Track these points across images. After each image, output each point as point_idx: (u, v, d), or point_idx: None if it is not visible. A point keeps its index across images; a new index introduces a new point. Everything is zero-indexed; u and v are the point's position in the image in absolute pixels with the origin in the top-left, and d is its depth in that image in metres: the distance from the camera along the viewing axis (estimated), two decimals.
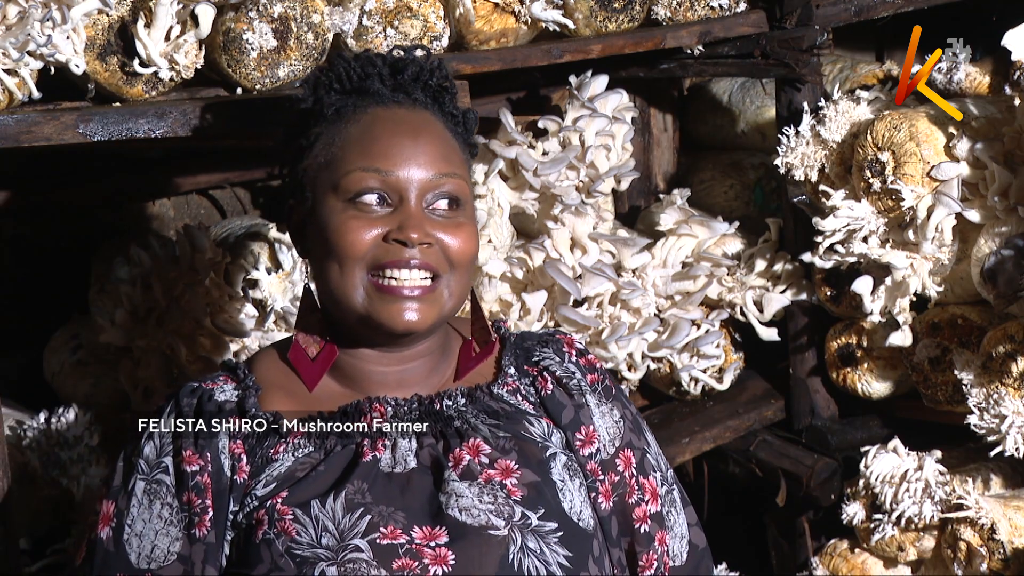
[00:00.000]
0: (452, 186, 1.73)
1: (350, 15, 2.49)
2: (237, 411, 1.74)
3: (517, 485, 1.71)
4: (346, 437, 1.72)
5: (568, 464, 1.77)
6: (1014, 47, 2.64)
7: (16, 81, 2.12)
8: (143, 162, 3.10)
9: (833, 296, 3.07)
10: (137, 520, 1.70)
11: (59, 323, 2.98)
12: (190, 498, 1.69)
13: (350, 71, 1.78)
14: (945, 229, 2.80)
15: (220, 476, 1.70)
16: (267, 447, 1.71)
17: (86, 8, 2.14)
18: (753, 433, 3.25)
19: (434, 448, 1.72)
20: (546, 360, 1.86)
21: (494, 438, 1.74)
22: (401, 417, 1.74)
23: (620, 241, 3.01)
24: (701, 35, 3.02)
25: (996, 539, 2.77)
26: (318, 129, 1.77)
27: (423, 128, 1.75)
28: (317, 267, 1.75)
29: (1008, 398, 2.75)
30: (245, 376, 1.78)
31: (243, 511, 1.69)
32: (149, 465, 1.72)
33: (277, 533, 1.65)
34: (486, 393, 1.79)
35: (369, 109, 1.76)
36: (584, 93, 2.92)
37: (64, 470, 2.59)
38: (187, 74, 2.31)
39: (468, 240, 1.74)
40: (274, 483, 1.69)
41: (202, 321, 2.67)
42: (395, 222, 1.69)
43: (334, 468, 1.70)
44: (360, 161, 1.71)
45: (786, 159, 2.97)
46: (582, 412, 1.83)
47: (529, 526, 1.69)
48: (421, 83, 1.79)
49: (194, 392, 1.75)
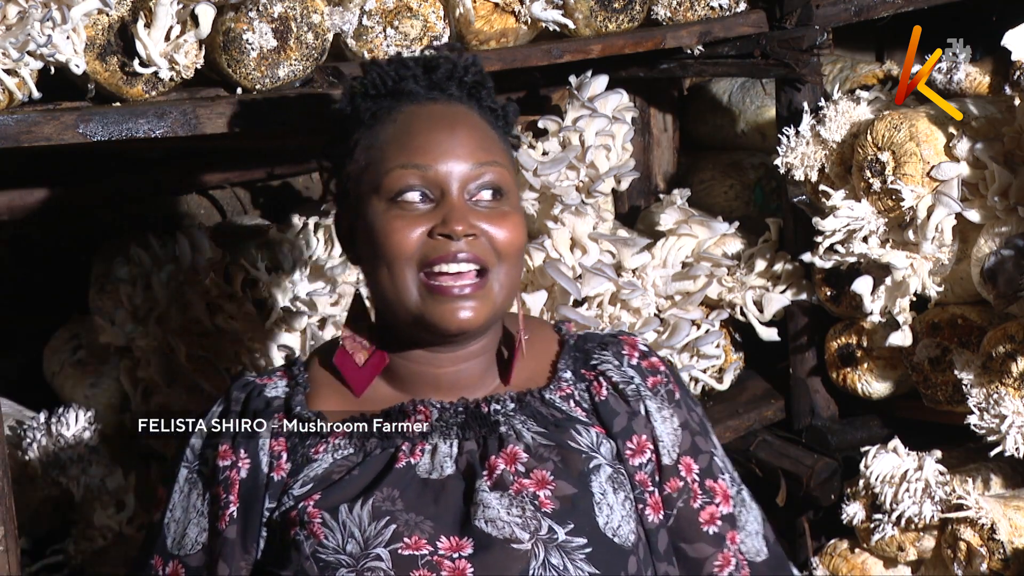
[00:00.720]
0: (493, 175, 1.72)
1: (350, 15, 2.49)
2: (283, 408, 1.75)
3: (550, 497, 1.68)
4: (386, 439, 1.71)
5: (613, 476, 1.75)
6: (1014, 47, 2.64)
7: (16, 81, 2.13)
8: (143, 162, 3.10)
9: (833, 296, 3.07)
10: (177, 507, 1.75)
11: (59, 323, 2.98)
12: (217, 492, 1.72)
13: (385, 76, 1.78)
14: (945, 229, 2.80)
15: (257, 473, 1.71)
16: (308, 446, 1.72)
17: (86, 8, 2.14)
18: (753, 433, 3.25)
19: (472, 455, 1.71)
20: (604, 364, 1.83)
21: (535, 446, 1.72)
22: (446, 421, 1.73)
23: (620, 241, 3.01)
24: (701, 35, 3.02)
25: (996, 539, 2.77)
26: (357, 135, 1.77)
27: (459, 120, 1.74)
28: (368, 272, 1.76)
29: (1008, 398, 2.75)
30: (298, 373, 1.80)
31: (279, 509, 1.70)
32: (194, 454, 1.76)
33: (306, 536, 1.66)
34: (537, 398, 1.77)
35: (404, 108, 1.75)
36: (584, 93, 2.92)
37: (64, 470, 2.59)
38: (187, 74, 2.31)
39: (515, 229, 1.72)
40: (310, 484, 1.70)
41: (202, 321, 2.67)
42: (438, 217, 1.69)
43: (368, 473, 1.70)
44: (399, 159, 1.71)
45: (786, 159, 2.97)
46: (636, 420, 1.80)
47: (555, 541, 1.67)
48: (456, 80, 1.78)
49: (245, 387, 1.78)
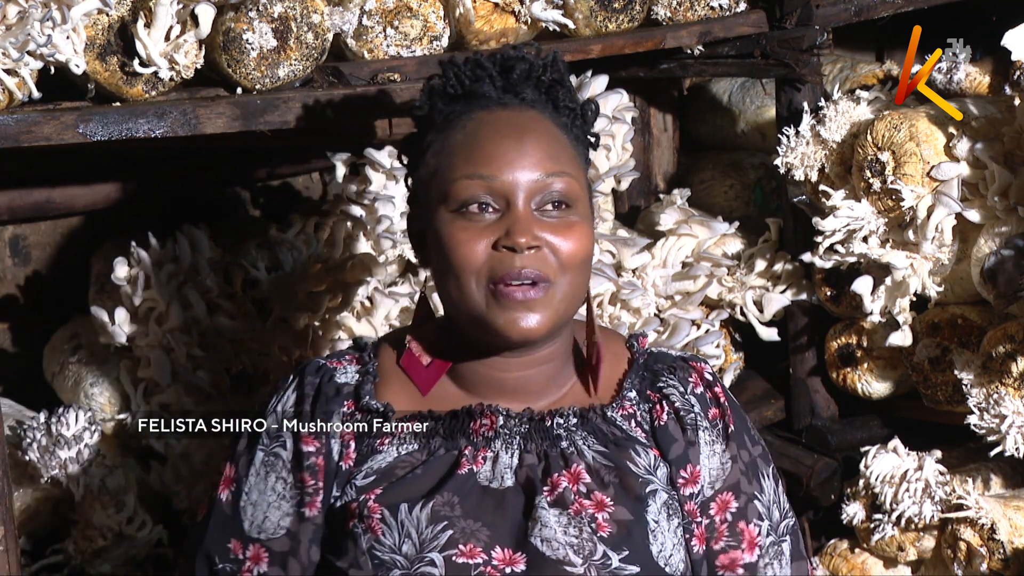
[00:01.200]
0: (562, 185, 1.71)
1: (350, 15, 2.49)
2: (353, 395, 1.76)
3: (608, 521, 1.68)
4: (450, 441, 1.72)
5: (668, 503, 1.74)
6: (1014, 47, 2.64)
7: (16, 81, 2.13)
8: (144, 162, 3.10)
9: (833, 296, 3.07)
10: (253, 489, 1.74)
11: (59, 323, 2.98)
12: (303, 478, 1.72)
13: (461, 75, 1.77)
14: (945, 229, 2.80)
15: (330, 459, 1.72)
16: (374, 437, 1.74)
17: (86, 8, 2.14)
18: None
19: (533, 469, 1.71)
20: (669, 388, 1.82)
21: (596, 466, 1.72)
22: (510, 429, 1.73)
23: (620, 241, 3.01)
24: (701, 35, 3.02)
25: (996, 539, 2.77)
26: (430, 138, 1.77)
27: (528, 128, 1.73)
28: (437, 277, 1.76)
29: (1008, 398, 2.75)
30: (369, 360, 1.80)
31: (341, 498, 1.71)
32: (269, 437, 1.75)
33: (364, 529, 1.67)
34: (599, 415, 1.77)
35: (474, 115, 1.75)
36: (584, 93, 2.92)
37: (64, 470, 2.58)
38: (187, 74, 2.31)
39: (580, 240, 1.71)
40: (373, 476, 1.71)
41: (202, 321, 2.67)
42: (503, 228, 1.68)
43: (431, 474, 1.70)
44: (464, 169, 1.71)
45: (786, 159, 2.97)
46: (692, 450, 1.79)
47: (608, 567, 1.66)
48: (533, 80, 1.77)
49: (319, 371, 1.78)
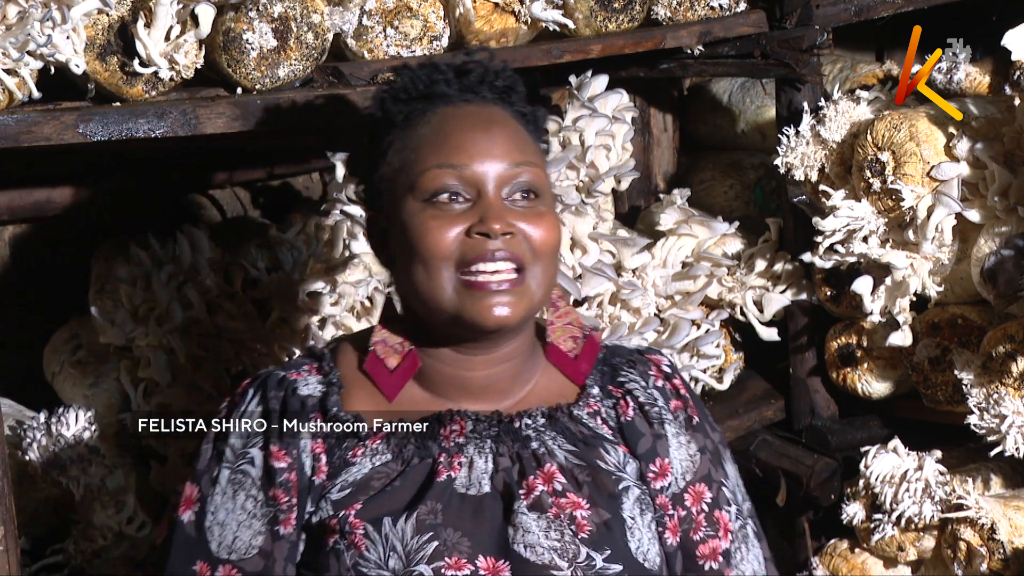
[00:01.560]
0: (529, 175, 1.73)
1: (350, 15, 2.49)
2: (319, 408, 1.73)
3: (587, 520, 1.68)
4: (423, 449, 1.71)
5: (641, 498, 1.75)
6: (1014, 47, 2.64)
7: (16, 81, 2.13)
8: (143, 162, 3.10)
9: (833, 296, 3.07)
10: (220, 509, 1.70)
11: (59, 323, 2.98)
12: (276, 494, 1.69)
13: (416, 80, 1.78)
14: (945, 229, 2.80)
15: (303, 474, 1.70)
16: (346, 448, 1.71)
17: (86, 8, 2.14)
18: (753, 433, 3.25)
19: (508, 473, 1.70)
20: (631, 383, 1.83)
21: (569, 466, 1.72)
22: (480, 433, 1.72)
23: (620, 241, 3.01)
24: (701, 35, 3.02)
25: (996, 539, 2.77)
26: (390, 137, 1.77)
27: (494, 121, 1.75)
28: (402, 272, 1.74)
29: (1008, 398, 2.75)
30: (330, 370, 1.77)
31: (317, 513, 1.69)
32: (235, 454, 1.72)
33: (347, 546, 1.65)
34: (566, 414, 1.77)
35: (438, 109, 1.76)
36: (584, 93, 2.92)
37: (64, 470, 2.58)
38: (187, 74, 2.31)
39: (550, 229, 1.72)
40: (349, 488, 1.69)
41: (202, 321, 2.67)
42: (476, 216, 1.69)
43: (410, 484, 1.69)
44: (435, 159, 1.71)
45: (786, 159, 2.97)
46: (660, 443, 1.80)
47: (593, 568, 1.67)
48: (487, 84, 1.79)
49: (280, 383, 1.75)
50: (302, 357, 1.83)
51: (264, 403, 1.74)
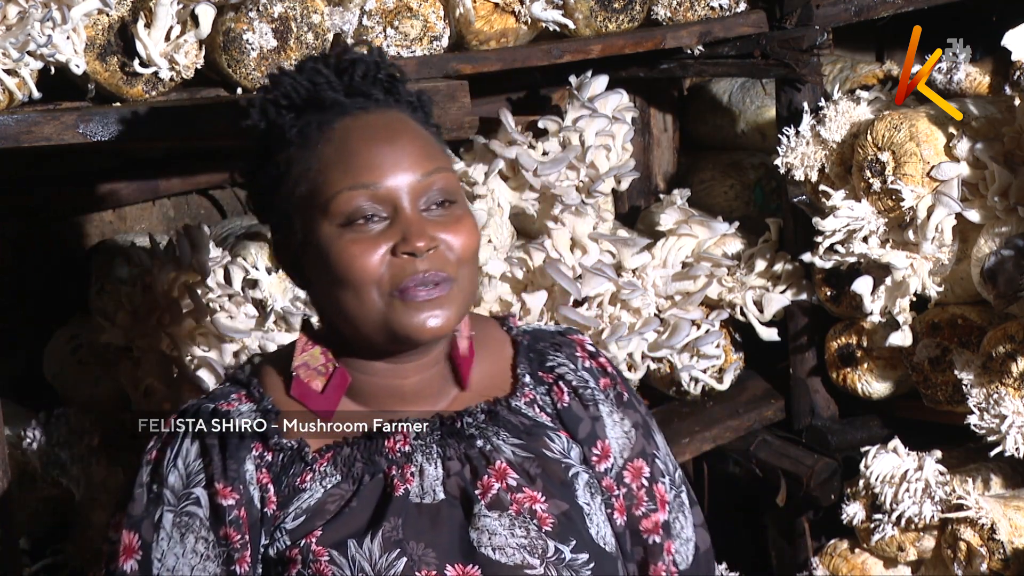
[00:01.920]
0: (443, 183, 1.68)
1: (350, 15, 2.49)
2: (259, 437, 1.67)
3: (547, 512, 1.67)
4: (372, 465, 1.67)
5: (589, 482, 1.74)
6: (1014, 47, 2.64)
7: (16, 81, 2.12)
8: (143, 162, 3.10)
9: (833, 296, 3.07)
10: (168, 555, 1.63)
11: (59, 323, 2.98)
12: (228, 533, 1.63)
13: (297, 85, 1.70)
14: (945, 229, 2.80)
15: (251, 508, 1.64)
16: (292, 475, 1.66)
17: (86, 8, 2.14)
18: (753, 433, 3.25)
19: (461, 477, 1.68)
20: (561, 367, 1.81)
21: (518, 460, 1.70)
22: (424, 440, 1.69)
23: (620, 241, 3.01)
24: (701, 35, 3.02)
25: (996, 539, 2.77)
26: (285, 155, 1.69)
27: (397, 130, 1.69)
28: (325, 296, 1.69)
29: (1008, 398, 2.75)
30: (261, 396, 1.71)
31: (273, 546, 1.64)
32: (177, 496, 1.64)
33: (312, 574, 1.61)
34: (505, 407, 1.75)
35: (336, 123, 1.68)
36: (584, 93, 2.92)
37: (64, 470, 2.58)
38: (187, 74, 2.31)
39: (470, 234, 1.69)
40: (304, 516, 1.64)
41: (202, 321, 2.67)
42: (397, 234, 1.64)
43: (367, 503, 1.65)
44: (344, 180, 1.64)
45: (786, 159, 2.97)
46: (598, 425, 1.79)
47: (563, 561, 1.65)
48: (371, 79, 1.72)
49: (214, 415, 1.68)
50: (227, 386, 1.75)
51: (200, 439, 1.67)
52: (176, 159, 3.13)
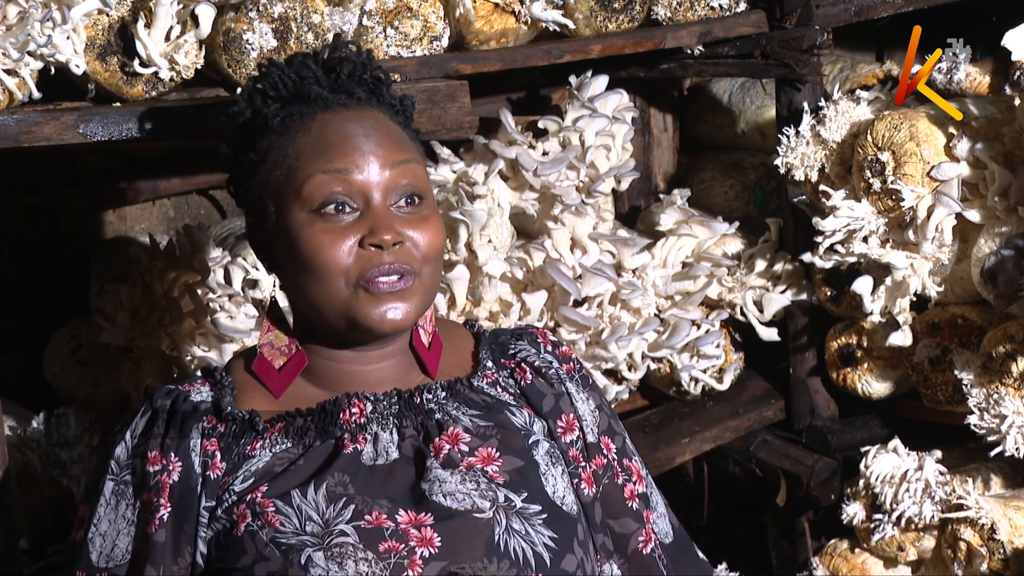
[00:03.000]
0: (413, 181, 1.74)
1: (350, 15, 2.49)
2: (212, 411, 1.75)
3: (499, 471, 1.72)
4: (325, 432, 1.72)
5: (551, 451, 1.79)
6: (1014, 47, 2.64)
7: (16, 81, 2.13)
8: (143, 162, 3.10)
9: (833, 296, 3.07)
10: (103, 520, 1.72)
11: (59, 323, 2.98)
12: (149, 498, 1.70)
13: (285, 78, 1.77)
14: (945, 229, 2.80)
15: (189, 475, 1.70)
16: (243, 444, 1.72)
17: (86, 8, 2.14)
18: (753, 433, 3.25)
19: (415, 439, 1.73)
20: (523, 352, 1.88)
21: (475, 427, 1.75)
22: (381, 412, 1.74)
23: (620, 241, 3.01)
24: (701, 35, 3.02)
25: (996, 539, 2.77)
26: (266, 142, 1.76)
27: (374, 127, 1.75)
28: (292, 279, 1.75)
29: (1008, 398, 2.75)
30: (222, 377, 1.79)
31: (220, 506, 1.70)
32: (119, 466, 1.73)
33: (260, 525, 1.66)
34: (466, 386, 1.80)
35: (317, 116, 1.75)
36: (584, 93, 2.92)
37: (64, 470, 2.59)
38: (187, 74, 2.31)
39: (436, 234, 1.75)
40: (252, 478, 1.70)
41: (202, 321, 2.67)
42: (365, 227, 1.70)
43: (313, 461, 1.70)
44: (319, 165, 1.71)
45: (786, 159, 2.97)
46: (562, 400, 1.85)
47: (513, 508, 1.70)
48: (357, 79, 1.79)
49: (168, 394, 1.76)
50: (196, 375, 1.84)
51: (151, 414, 1.75)
52: (176, 159, 3.13)
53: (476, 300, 2.85)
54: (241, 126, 1.80)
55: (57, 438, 2.59)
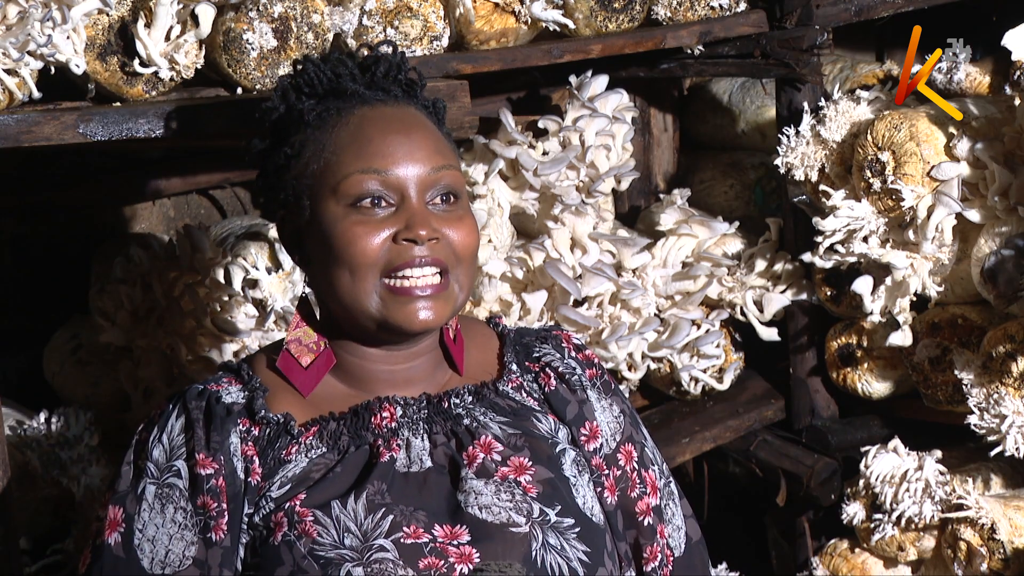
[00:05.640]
0: (449, 179, 1.73)
1: (350, 15, 2.49)
2: (246, 413, 1.72)
3: (532, 482, 1.71)
4: (358, 437, 1.71)
5: (577, 459, 1.78)
6: (1014, 47, 2.64)
7: (16, 81, 2.12)
8: (143, 162, 3.10)
9: (833, 296, 3.07)
10: (149, 525, 1.67)
11: (59, 323, 2.98)
12: (205, 502, 1.67)
13: (320, 74, 1.76)
14: (945, 229, 2.80)
15: (234, 479, 1.68)
16: (279, 448, 1.70)
17: (86, 8, 2.14)
18: (753, 433, 3.25)
19: (448, 447, 1.72)
20: (547, 356, 1.86)
21: (505, 436, 1.74)
22: (411, 417, 1.73)
23: (620, 241, 3.01)
24: (701, 35, 3.02)
25: (996, 539, 2.77)
26: (301, 136, 1.75)
27: (413, 124, 1.75)
28: (323, 274, 1.73)
29: (1008, 398, 2.75)
30: (250, 378, 1.76)
31: (258, 513, 1.68)
32: (159, 469, 1.69)
33: (298, 535, 1.64)
34: (492, 390, 1.79)
35: (355, 110, 1.74)
36: (584, 93, 2.92)
37: (64, 470, 2.58)
38: (187, 74, 2.31)
39: (471, 233, 1.74)
40: (289, 484, 1.68)
41: (202, 321, 2.67)
42: (401, 221, 1.69)
43: (351, 469, 1.69)
44: (357, 163, 1.70)
45: (786, 159, 2.97)
46: (585, 407, 1.84)
47: (548, 522, 1.69)
48: (392, 78, 1.79)
49: (201, 395, 1.73)
50: (220, 373, 1.81)
51: (186, 415, 1.71)
52: (176, 159, 3.13)
53: (476, 300, 2.86)
54: (275, 122, 1.78)
55: (57, 438, 2.59)
